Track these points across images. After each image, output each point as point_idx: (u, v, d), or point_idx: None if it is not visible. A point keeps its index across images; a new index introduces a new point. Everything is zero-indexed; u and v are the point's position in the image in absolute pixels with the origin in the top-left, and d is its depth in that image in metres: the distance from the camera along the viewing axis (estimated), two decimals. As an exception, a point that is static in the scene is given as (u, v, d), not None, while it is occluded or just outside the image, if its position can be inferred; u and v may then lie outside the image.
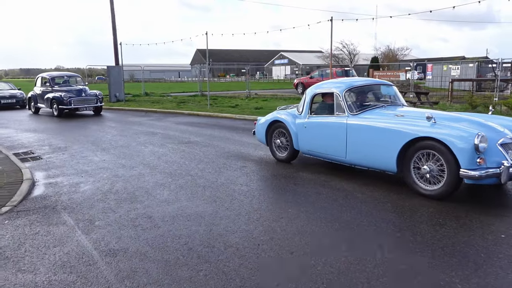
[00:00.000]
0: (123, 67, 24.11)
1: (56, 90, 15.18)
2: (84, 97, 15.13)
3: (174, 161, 7.24)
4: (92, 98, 15.24)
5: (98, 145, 9.04)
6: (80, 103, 14.89)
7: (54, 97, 14.68)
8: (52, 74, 16.69)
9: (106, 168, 6.90)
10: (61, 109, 14.51)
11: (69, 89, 15.22)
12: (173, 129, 11.21)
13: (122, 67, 21.90)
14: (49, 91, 15.37)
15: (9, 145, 9.43)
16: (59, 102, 14.44)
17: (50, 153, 8.38)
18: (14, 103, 18.92)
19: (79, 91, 15.21)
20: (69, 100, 14.49)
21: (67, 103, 14.45)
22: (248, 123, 12.20)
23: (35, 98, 16.36)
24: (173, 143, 9.13)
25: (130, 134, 10.52)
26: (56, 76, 16.54)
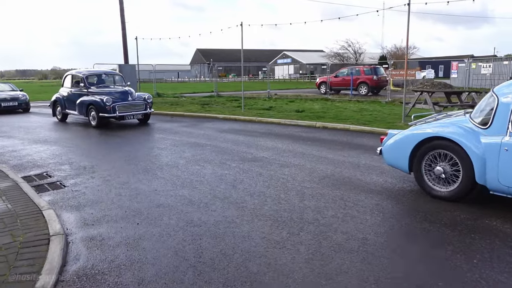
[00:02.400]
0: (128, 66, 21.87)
1: (94, 93, 11.52)
2: (131, 101, 11.44)
3: (261, 192, 5.00)
4: (140, 103, 11.60)
5: (135, 164, 6.78)
6: (127, 109, 11.30)
7: (92, 102, 11.15)
8: (86, 71, 12.73)
9: (167, 205, 4.65)
10: (101, 118, 11.02)
11: (110, 91, 11.55)
12: (219, 139, 8.95)
13: (138, 65, 19.56)
14: (83, 93, 11.78)
15: (16, 163, 7.15)
16: (99, 108, 10.94)
17: (73, 177, 6.11)
18: (16, 106, 16.58)
19: (123, 94, 11.47)
20: (113, 106, 10.91)
21: (110, 110, 10.88)
22: (308, 130, 9.95)
23: (63, 102, 12.77)
24: (234, 160, 6.88)
25: (169, 146, 8.25)
26: (92, 73, 12.53)
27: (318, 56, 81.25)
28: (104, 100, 10.87)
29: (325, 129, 10.21)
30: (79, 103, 11.74)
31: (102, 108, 10.91)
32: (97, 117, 11.13)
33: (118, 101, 11.18)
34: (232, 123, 11.84)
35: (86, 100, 11.49)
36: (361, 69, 25.66)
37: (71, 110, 12.39)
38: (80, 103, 11.72)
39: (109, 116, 11.02)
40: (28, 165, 6.98)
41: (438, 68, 64.97)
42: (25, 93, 17.33)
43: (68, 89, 12.64)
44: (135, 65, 20.27)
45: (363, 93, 24.60)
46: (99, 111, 10.98)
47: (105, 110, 10.89)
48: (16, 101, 16.55)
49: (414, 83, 32.13)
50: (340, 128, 10.02)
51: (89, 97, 11.47)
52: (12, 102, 16.44)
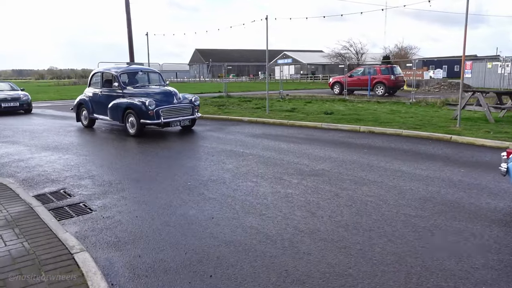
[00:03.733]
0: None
1: (131, 94, 9.50)
2: (177, 104, 9.34)
3: (356, 224, 3.82)
4: (187, 106, 9.54)
5: (171, 178, 5.59)
6: (173, 114, 9.24)
7: (131, 106, 9.07)
8: (119, 68, 10.36)
9: (238, 243, 3.47)
10: (142, 125, 9.04)
11: (150, 92, 9.49)
12: (258, 146, 7.76)
13: (149, 63, 18.32)
14: (117, 94, 9.73)
15: (25, 176, 5.93)
16: (140, 113, 8.88)
17: (99, 196, 4.91)
18: (17, 107, 15.29)
19: (167, 95, 9.37)
20: (157, 110, 8.90)
21: (153, 116, 8.84)
22: (353, 136, 8.77)
23: (90, 106, 10.67)
24: (291, 173, 5.70)
25: (202, 155, 7.06)
26: (126, 71, 10.28)
27: (318, 56, 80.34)
28: (147, 103, 8.77)
29: (372, 134, 9.03)
30: (113, 106, 9.62)
31: (144, 113, 8.85)
32: (137, 124, 9.03)
33: (162, 104, 9.08)
34: (261, 126, 10.64)
35: (122, 103, 9.38)
36: (378, 69, 24.53)
37: (101, 114, 10.30)
38: (114, 106, 9.60)
39: (152, 122, 8.94)
40: (40, 179, 5.76)
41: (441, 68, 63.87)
42: (27, 93, 16.06)
43: (97, 89, 10.52)
44: (144, 63, 18.98)
45: (380, 93, 23.48)
46: (140, 117, 8.90)
47: (147, 115, 8.83)
48: (17, 102, 15.28)
49: (429, 84, 31.08)
50: (391, 133, 8.84)
51: (126, 99, 9.40)
52: (13, 102, 15.17)
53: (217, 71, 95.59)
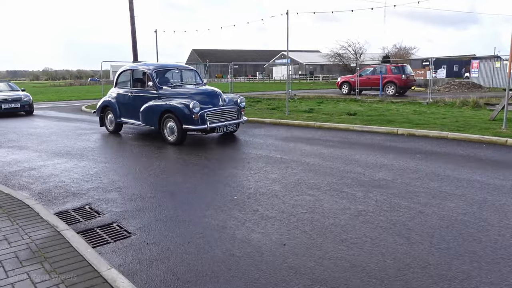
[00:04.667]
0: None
1: (169, 95, 8.19)
2: (223, 107, 8.10)
3: (473, 255, 3.08)
4: (233, 109, 8.26)
5: (213, 190, 4.84)
6: (219, 118, 7.97)
7: (171, 109, 7.74)
8: (152, 64, 9.05)
9: (337, 282, 2.70)
10: (184, 131, 7.74)
11: (191, 92, 8.14)
12: (296, 152, 7.01)
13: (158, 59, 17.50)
14: (152, 95, 8.40)
15: (41, 188, 5.14)
16: (182, 117, 7.55)
17: (134, 214, 4.15)
18: (18, 108, 14.41)
19: (211, 96, 8.08)
20: (202, 113, 7.60)
21: (197, 120, 7.51)
22: (394, 139, 8.04)
23: (117, 108, 9.24)
24: (349, 184, 4.96)
25: (239, 162, 6.32)
26: (162, 68, 8.88)
27: (316, 56, 79.83)
28: (191, 105, 7.46)
29: (412, 136, 8.30)
30: (147, 109, 8.30)
31: (187, 117, 7.48)
32: (178, 129, 7.71)
33: (206, 106, 7.81)
34: (286, 128, 9.88)
35: (159, 105, 8.04)
36: (388, 68, 23.84)
37: (131, 118, 8.96)
38: (148, 109, 8.27)
39: (197, 128, 7.57)
40: (58, 193, 4.97)
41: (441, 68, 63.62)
42: (28, 94, 15.19)
43: (125, 90, 9.13)
44: (144, 62, 18.17)
45: (390, 93, 22.82)
46: (183, 122, 7.57)
47: (191, 120, 7.49)
48: (18, 103, 14.38)
49: (437, 83, 30.46)
50: (435, 136, 8.12)
51: (163, 101, 8.11)
52: (14, 103, 14.27)
53: (214, 71, 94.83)
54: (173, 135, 7.92)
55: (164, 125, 8.02)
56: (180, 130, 7.70)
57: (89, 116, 14.06)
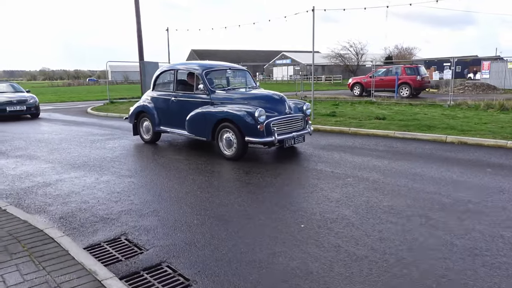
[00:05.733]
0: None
1: (225, 100, 6.91)
2: (289, 115, 6.74)
3: None
4: (299, 117, 6.90)
5: (272, 216, 4.07)
6: (286, 128, 6.63)
7: (229, 117, 6.45)
8: (201, 64, 7.61)
9: None
10: (246, 144, 6.48)
11: (250, 97, 6.87)
12: (344, 164, 6.23)
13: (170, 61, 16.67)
14: (203, 101, 7.09)
15: (62, 211, 4.32)
16: (245, 127, 6.28)
17: (185, 250, 3.38)
18: (24, 111, 13.53)
19: (275, 102, 6.73)
20: (267, 123, 6.31)
21: (263, 131, 6.23)
22: (445, 148, 7.26)
23: (157, 115, 7.96)
24: (431, 208, 4.19)
25: (286, 178, 5.53)
26: (213, 68, 7.53)
27: (317, 57, 79.13)
28: (256, 113, 6.16)
29: (464, 145, 7.52)
30: (197, 117, 6.97)
31: (251, 127, 6.19)
32: (239, 142, 6.40)
33: (272, 114, 6.48)
34: (320, 135, 9.05)
35: (213, 113, 6.71)
36: (402, 69, 23.09)
37: (174, 126, 7.66)
38: (198, 117, 6.95)
39: (262, 141, 6.26)
40: (84, 217, 4.15)
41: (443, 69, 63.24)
42: (33, 95, 14.33)
43: (167, 93, 7.79)
44: (158, 63, 17.36)
45: (405, 95, 22.10)
46: (245, 133, 6.28)
47: (255, 130, 6.19)
48: (24, 105, 13.49)
49: (449, 84, 29.71)
50: (490, 145, 7.33)
51: (217, 107, 6.79)
52: (20, 106, 13.38)
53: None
54: (230, 148, 6.57)
55: (219, 137, 6.70)
56: (240, 143, 6.37)
57: (98, 120, 13.23)
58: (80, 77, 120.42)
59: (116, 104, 18.44)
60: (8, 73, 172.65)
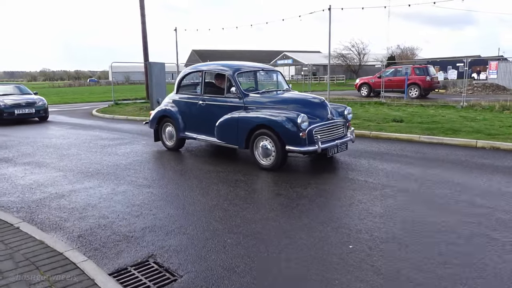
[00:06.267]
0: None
1: (260, 105, 6.30)
2: (331, 120, 6.09)
3: None
4: (340, 123, 6.25)
5: (313, 233, 3.70)
6: (329, 136, 6.02)
7: (266, 123, 5.85)
8: (230, 65, 6.90)
9: None
10: (285, 154, 5.85)
11: (287, 100, 6.29)
12: (373, 171, 5.86)
13: (178, 63, 16.28)
14: (235, 105, 6.48)
15: (80, 228, 3.94)
16: (286, 135, 5.66)
17: (223, 277, 3.04)
18: (33, 114, 12.90)
19: (314, 106, 6.08)
20: (310, 130, 5.70)
21: (305, 139, 5.63)
22: (478, 154, 6.90)
23: (181, 120, 7.33)
24: (489, 226, 3.84)
25: (311, 187, 5.12)
26: (244, 69, 6.93)
27: (318, 57, 78.93)
28: (299, 119, 5.54)
29: (497, 150, 7.13)
30: (228, 122, 6.38)
31: (292, 134, 5.58)
32: (278, 151, 5.76)
33: (314, 120, 5.86)
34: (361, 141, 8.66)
35: (247, 118, 6.11)
36: (412, 69, 22.69)
37: (201, 132, 7.03)
38: (230, 123, 6.35)
39: (305, 150, 5.68)
40: (104, 235, 3.76)
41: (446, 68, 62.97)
42: (42, 97, 13.70)
43: (194, 96, 7.18)
44: (164, 63, 16.94)
45: (413, 95, 21.70)
46: (286, 141, 5.66)
47: (296, 138, 5.56)
48: (33, 108, 12.85)
49: (457, 85, 29.32)
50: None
51: (251, 112, 6.20)
52: (29, 108, 12.76)
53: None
54: (267, 157, 5.96)
55: (255, 145, 6.08)
56: (280, 152, 5.75)
57: (105, 123, 12.84)
58: (80, 78, 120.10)
59: (121, 106, 18.05)
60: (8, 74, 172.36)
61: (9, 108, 12.46)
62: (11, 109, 12.47)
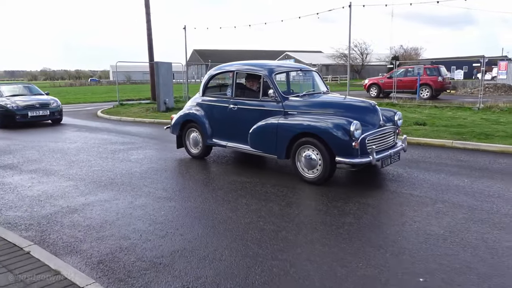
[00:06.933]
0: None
1: (304, 109, 5.58)
2: (384, 127, 5.43)
3: None
4: (391, 130, 5.64)
5: (369, 261, 3.14)
6: (382, 145, 5.38)
7: (313, 130, 5.12)
8: (266, 64, 6.28)
9: None
10: (334, 166, 5.14)
11: (333, 105, 5.56)
12: (414, 181, 5.36)
13: (187, 63, 15.73)
14: (273, 109, 5.76)
15: (100, 252, 3.45)
16: (335, 144, 4.95)
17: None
18: (47, 116, 11.95)
19: (367, 111, 5.35)
20: (363, 138, 5.05)
21: (358, 149, 4.95)
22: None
23: (208, 125, 6.64)
24: None
25: (362, 203, 4.59)
26: (282, 70, 6.30)
27: (320, 57, 78.44)
28: (352, 127, 4.86)
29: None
30: (265, 129, 5.68)
31: (343, 144, 4.88)
32: (326, 162, 5.04)
33: (365, 127, 5.15)
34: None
35: (288, 125, 5.40)
36: (423, 69, 22.18)
37: (231, 140, 6.33)
38: (268, 129, 5.64)
39: (357, 162, 4.92)
40: (128, 262, 3.26)
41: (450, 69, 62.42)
42: (55, 98, 12.69)
43: (223, 99, 6.49)
44: (171, 63, 16.43)
45: (425, 96, 21.21)
46: (336, 151, 4.95)
47: (348, 148, 4.88)
48: (47, 109, 11.88)
49: (466, 85, 28.80)
50: None
51: (292, 117, 5.48)
52: (43, 110, 11.78)
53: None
54: (312, 169, 5.23)
55: (297, 155, 5.37)
56: (328, 163, 5.01)
57: (112, 125, 12.32)
58: (81, 77, 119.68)
59: (126, 107, 17.54)
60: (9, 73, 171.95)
61: (22, 110, 11.47)
62: (24, 111, 11.48)
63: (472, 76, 55.00)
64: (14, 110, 11.37)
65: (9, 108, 11.37)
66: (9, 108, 11.38)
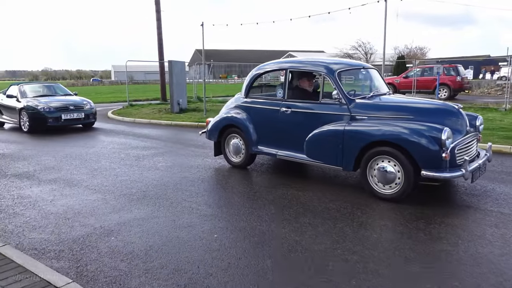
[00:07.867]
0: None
1: (374, 113, 4.78)
2: (469, 134, 4.67)
3: None
4: (475, 137, 4.86)
5: None
6: (469, 154, 4.59)
7: (392, 139, 4.35)
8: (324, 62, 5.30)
9: None
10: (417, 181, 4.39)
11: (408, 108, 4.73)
12: (498, 197, 4.62)
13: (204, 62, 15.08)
14: (338, 113, 4.96)
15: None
16: (422, 156, 4.19)
17: None
18: (82, 119, 10.73)
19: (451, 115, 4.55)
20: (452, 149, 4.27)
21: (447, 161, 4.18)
22: None
23: (253, 131, 5.88)
24: None
25: (479, 233, 3.92)
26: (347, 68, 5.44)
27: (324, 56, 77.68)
28: (443, 135, 4.12)
29: None
30: (327, 136, 4.93)
31: (432, 155, 4.15)
32: (407, 176, 4.30)
33: (454, 135, 4.34)
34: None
35: (360, 131, 4.65)
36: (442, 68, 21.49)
37: (283, 148, 5.55)
38: (331, 136, 4.88)
39: (448, 177, 4.22)
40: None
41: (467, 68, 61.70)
42: (88, 99, 11.46)
43: (272, 101, 5.69)
44: (185, 62, 15.77)
45: (443, 96, 20.51)
46: (421, 163, 4.21)
47: (437, 160, 4.14)
48: (82, 112, 10.67)
49: (481, 85, 28.12)
50: None
51: (366, 123, 4.70)
52: (77, 113, 10.57)
53: (218, 71, 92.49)
54: (389, 184, 4.47)
55: (368, 168, 4.63)
56: (411, 178, 4.27)
57: (128, 127, 11.65)
58: (82, 77, 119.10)
59: (137, 107, 16.88)
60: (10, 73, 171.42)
61: (55, 112, 10.18)
62: (57, 113, 10.18)
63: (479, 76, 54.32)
64: (46, 113, 10.08)
65: (40, 110, 10.05)
66: (40, 111, 10.05)
